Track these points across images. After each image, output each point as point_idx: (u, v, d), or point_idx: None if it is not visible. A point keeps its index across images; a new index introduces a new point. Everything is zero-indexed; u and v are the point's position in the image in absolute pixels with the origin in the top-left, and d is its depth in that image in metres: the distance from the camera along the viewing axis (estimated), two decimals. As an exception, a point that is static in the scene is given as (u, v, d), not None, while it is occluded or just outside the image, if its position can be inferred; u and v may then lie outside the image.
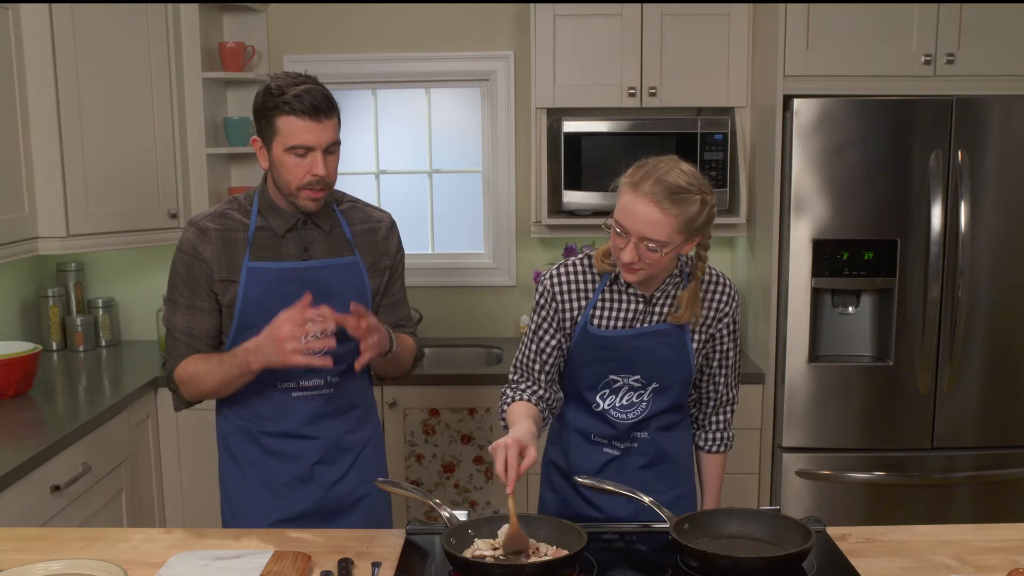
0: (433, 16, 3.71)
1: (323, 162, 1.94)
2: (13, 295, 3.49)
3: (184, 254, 2.04)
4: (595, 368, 1.99)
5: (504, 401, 2.02)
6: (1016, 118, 3.08)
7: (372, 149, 3.92)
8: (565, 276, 1.98)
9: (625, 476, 2.01)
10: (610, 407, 2.00)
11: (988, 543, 1.79)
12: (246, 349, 1.90)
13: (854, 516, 3.21)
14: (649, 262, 1.82)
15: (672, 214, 1.77)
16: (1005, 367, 3.19)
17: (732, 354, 2.06)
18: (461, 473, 3.35)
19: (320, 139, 1.92)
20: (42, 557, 1.69)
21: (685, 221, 1.79)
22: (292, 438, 2.09)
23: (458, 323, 3.88)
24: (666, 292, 1.96)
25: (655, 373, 1.97)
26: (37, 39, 3.01)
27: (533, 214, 3.57)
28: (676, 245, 1.81)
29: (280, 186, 1.99)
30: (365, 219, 2.15)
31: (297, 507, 2.10)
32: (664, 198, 1.76)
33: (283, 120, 1.91)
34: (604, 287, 1.97)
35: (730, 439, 2.14)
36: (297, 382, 2.07)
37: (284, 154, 1.93)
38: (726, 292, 2.00)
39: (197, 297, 2.03)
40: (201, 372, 2.00)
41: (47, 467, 2.46)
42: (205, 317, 2.05)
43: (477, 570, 1.61)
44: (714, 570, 1.64)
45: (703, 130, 3.40)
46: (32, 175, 3.07)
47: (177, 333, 2.06)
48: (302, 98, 1.89)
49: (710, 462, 2.14)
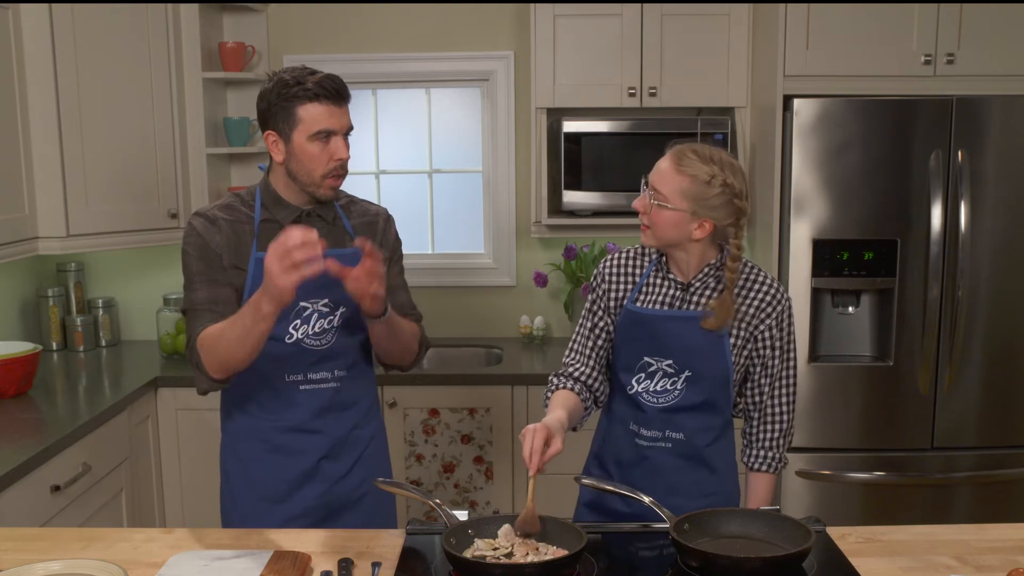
0: (433, 16, 3.71)
1: (346, 145, 2.00)
2: (13, 295, 3.49)
3: (195, 238, 2.02)
4: (631, 347, 2.02)
5: (549, 388, 2.07)
6: (1016, 118, 3.08)
7: (372, 149, 3.92)
8: (617, 261, 2.08)
9: (657, 477, 2.02)
10: (644, 390, 2.01)
11: (988, 543, 1.79)
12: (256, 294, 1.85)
13: (854, 516, 3.21)
14: (653, 218, 1.92)
15: (681, 173, 1.88)
16: (1005, 367, 3.19)
17: (778, 362, 2.02)
18: (461, 473, 3.35)
19: (342, 123, 1.99)
20: (42, 557, 1.69)
21: (694, 188, 1.87)
22: (299, 432, 2.09)
23: (458, 323, 3.88)
24: (705, 283, 1.98)
25: (688, 361, 1.98)
26: (37, 39, 3.01)
27: (533, 214, 3.57)
28: (677, 209, 1.89)
29: (301, 176, 2.00)
30: (363, 212, 2.19)
31: (303, 504, 2.10)
32: (682, 155, 1.90)
33: (305, 108, 1.95)
34: (650, 271, 2.03)
35: (776, 460, 2.06)
36: (304, 375, 2.07)
37: (307, 142, 1.96)
38: (769, 292, 1.99)
39: (214, 271, 2.01)
40: (218, 331, 1.93)
41: (47, 467, 2.46)
42: (226, 288, 2.02)
43: (477, 570, 1.61)
44: (714, 570, 1.64)
45: (703, 130, 3.40)
46: (32, 175, 3.07)
47: (199, 306, 2.00)
48: (324, 84, 1.96)
49: (754, 481, 2.08)
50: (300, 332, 2.05)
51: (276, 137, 2.00)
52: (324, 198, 2.05)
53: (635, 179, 3.39)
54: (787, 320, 2.02)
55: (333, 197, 2.06)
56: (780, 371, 2.04)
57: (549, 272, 3.77)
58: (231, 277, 2.02)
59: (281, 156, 2.01)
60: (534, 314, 3.83)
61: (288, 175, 2.03)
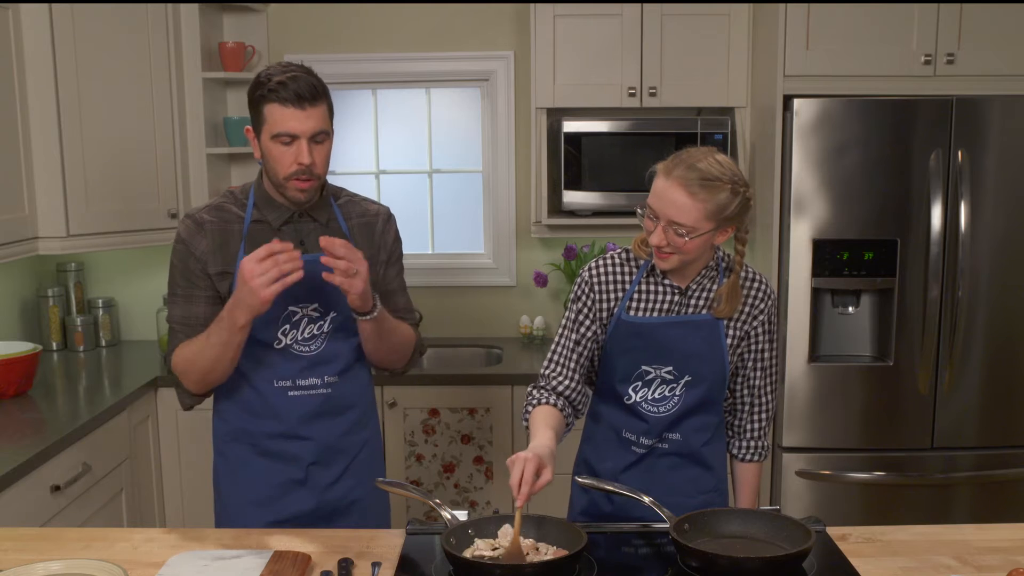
0: (433, 16, 3.71)
1: (308, 151, 1.92)
2: (13, 295, 3.49)
3: (180, 244, 2.03)
4: (628, 358, 1.99)
5: (529, 401, 2.02)
6: (1016, 118, 3.08)
7: (372, 149, 3.92)
8: (603, 268, 2.01)
9: (654, 476, 2.01)
10: (642, 399, 1.99)
11: (988, 543, 1.79)
12: (229, 306, 1.88)
13: (854, 516, 3.21)
14: (677, 247, 1.85)
15: (700, 199, 1.81)
16: (1005, 367, 3.19)
17: (768, 354, 2.04)
18: (461, 473, 3.35)
19: (305, 127, 1.90)
20: (42, 557, 1.69)
21: (714, 209, 1.82)
22: (287, 439, 2.07)
23: (458, 323, 3.88)
24: (702, 285, 1.97)
25: (688, 365, 1.96)
26: (37, 39, 3.01)
27: (533, 214, 3.57)
28: (704, 232, 1.84)
29: (270, 176, 1.99)
30: (362, 213, 2.14)
31: (290, 510, 2.09)
32: (694, 183, 1.81)
33: (268, 108, 1.91)
34: (640, 278, 1.99)
35: (765, 448, 2.10)
36: (293, 381, 2.05)
37: (271, 143, 1.93)
38: (762, 289, 2.00)
39: (193, 286, 2.02)
40: (194, 349, 1.97)
41: (47, 467, 2.46)
42: (201, 304, 2.02)
43: (477, 570, 1.61)
44: (714, 570, 1.64)
45: (703, 130, 3.40)
46: (32, 175, 3.07)
47: (175, 324, 2.04)
48: (287, 85, 1.88)
49: (744, 471, 2.11)
50: (289, 337, 2.03)
51: (253, 134, 1.98)
52: (295, 201, 1.99)
53: (635, 179, 3.40)
54: (775, 313, 2.04)
55: (303, 200, 2.00)
56: (769, 363, 2.06)
57: (549, 272, 3.78)
58: (214, 284, 2.01)
59: (258, 153, 1.99)
60: (534, 314, 3.83)
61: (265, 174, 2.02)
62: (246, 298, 1.82)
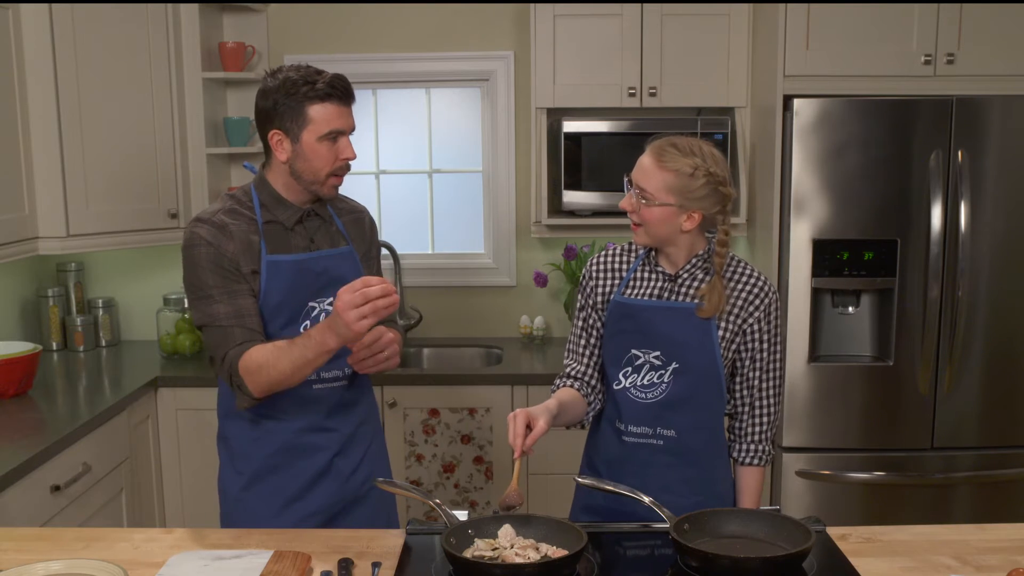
0: (433, 16, 3.71)
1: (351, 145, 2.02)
2: (13, 295, 3.49)
3: (206, 247, 1.98)
4: (618, 340, 2.03)
5: (551, 390, 2.09)
6: (1016, 118, 3.08)
7: (372, 149, 3.92)
8: (603, 258, 2.12)
9: (650, 474, 2.01)
10: (631, 385, 2.01)
11: (988, 543, 1.79)
12: (321, 329, 1.86)
13: (854, 516, 3.21)
14: (643, 216, 1.94)
15: (664, 168, 1.90)
16: (1005, 367, 3.19)
17: (767, 354, 2.04)
18: (461, 473, 3.35)
19: (350, 123, 2.03)
20: (42, 557, 1.69)
21: (678, 182, 1.90)
22: (315, 432, 2.11)
23: (458, 323, 3.88)
24: (692, 275, 2.00)
25: (675, 352, 1.98)
26: (37, 39, 3.01)
27: (533, 214, 3.57)
28: (664, 203, 1.91)
29: (306, 175, 2.01)
30: (350, 210, 2.21)
31: (317, 502, 2.11)
32: (664, 151, 1.92)
33: (316, 108, 1.96)
34: (638, 266, 2.06)
35: (766, 453, 2.08)
36: (317, 374, 2.06)
37: (317, 142, 1.98)
38: (756, 285, 2.00)
39: (231, 282, 1.99)
40: (271, 358, 1.92)
41: (47, 467, 2.46)
42: (247, 298, 2.00)
43: (477, 570, 1.61)
44: (714, 570, 1.64)
45: (703, 130, 3.40)
46: (32, 175, 3.07)
47: (224, 321, 1.98)
48: (335, 84, 1.98)
49: (745, 475, 2.09)
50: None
51: (282, 136, 1.99)
52: (327, 196, 2.08)
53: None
54: (775, 312, 2.03)
55: (334, 195, 2.09)
56: (768, 363, 2.05)
57: (549, 272, 3.77)
58: (251, 283, 2.01)
59: (286, 155, 2.00)
60: (534, 314, 3.83)
61: (291, 174, 2.03)
62: (340, 329, 1.82)
